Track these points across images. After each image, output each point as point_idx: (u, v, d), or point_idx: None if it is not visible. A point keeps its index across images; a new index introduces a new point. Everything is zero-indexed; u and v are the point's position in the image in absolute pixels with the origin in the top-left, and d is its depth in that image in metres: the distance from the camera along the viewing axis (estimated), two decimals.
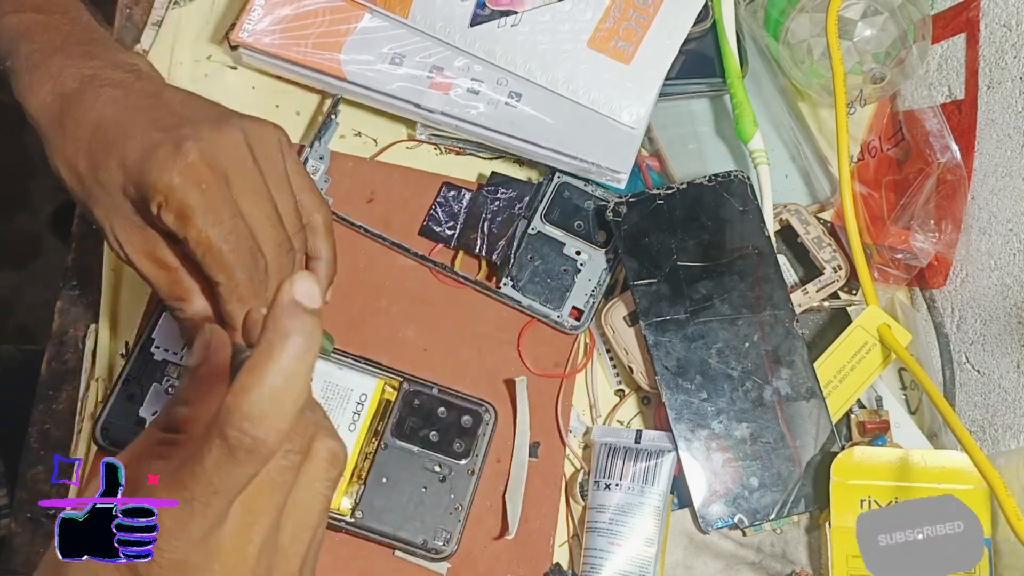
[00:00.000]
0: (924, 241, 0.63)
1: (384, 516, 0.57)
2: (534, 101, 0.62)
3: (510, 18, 0.63)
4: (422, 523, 0.57)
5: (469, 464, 0.59)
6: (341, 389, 0.59)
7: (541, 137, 0.62)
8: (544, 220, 0.64)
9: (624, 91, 0.62)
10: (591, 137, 0.62)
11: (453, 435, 0.59)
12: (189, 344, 0.52)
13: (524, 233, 0.64)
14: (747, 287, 0.61)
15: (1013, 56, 0.59)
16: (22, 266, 1.54)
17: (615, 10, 0.63)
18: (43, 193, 1.57)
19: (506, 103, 0.62)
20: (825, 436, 0.60)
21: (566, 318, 0.63)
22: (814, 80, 0.66)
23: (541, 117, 0.62)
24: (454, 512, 0.58)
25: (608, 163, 0.62)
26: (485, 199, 0.64)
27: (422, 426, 0.59)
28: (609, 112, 0.62)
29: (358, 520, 0.57)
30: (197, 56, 0.68)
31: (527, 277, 0.63)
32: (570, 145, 0.62)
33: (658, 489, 0.58)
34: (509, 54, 0.62)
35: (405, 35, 0.63)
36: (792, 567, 0.60)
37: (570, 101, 0.62)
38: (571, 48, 0.62)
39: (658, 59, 0.63)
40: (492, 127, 0.62)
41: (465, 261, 0.64)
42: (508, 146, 0.63)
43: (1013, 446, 0.59)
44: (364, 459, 0.59)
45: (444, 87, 0.63)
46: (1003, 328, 0.60)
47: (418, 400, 0.60)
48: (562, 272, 0.63)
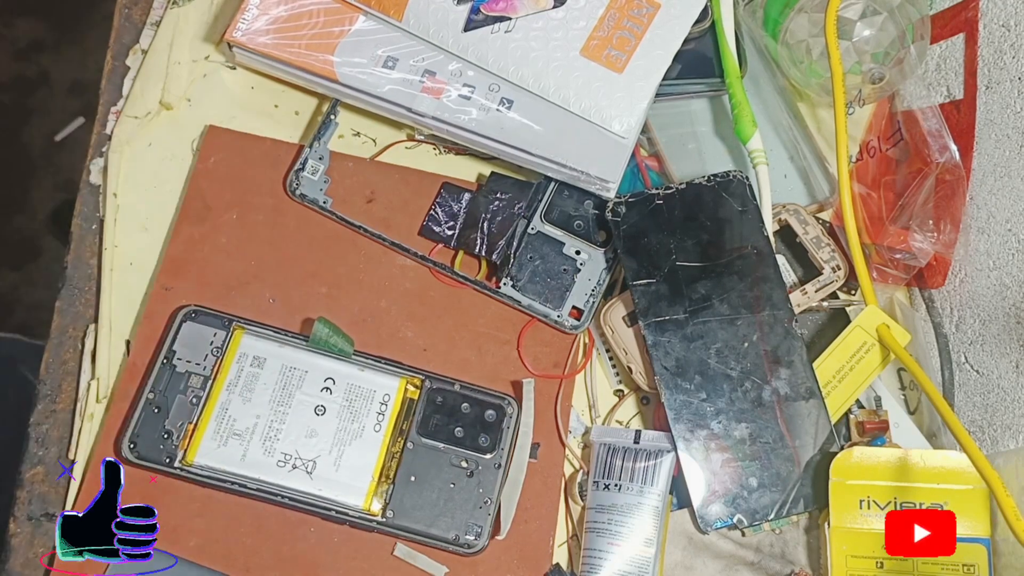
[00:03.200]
0: (923, 241, 0.63)
1: (415, 514, 0.58)
2: (525, 108, 0.62)
3: (503, 24, 0.63)
4: (452, 519, 0.58)
5: (495, 458, 0.59)
6: (364, 391, 0.60)
7: (531, 144, 0.62)
8: (544, 220, 0.64)
9: (615, 100, 0.62)
10: (581, 146, 0.62)
11: (478, 430, 0.60)
12: None
13: (524, 233, 0.64)
14: (746, 287, 0.61)
15: (1012, 56, 0.59)
16: (21, 266, 1.54)
17: (609, 19, 0.63)
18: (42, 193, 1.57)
19: (497, 110, 0.62)
20: (824, 436, 0.60)
21: (566, 318, 0.63)
22: (813, 80, 0.66)
23: (532, 125, 0.62)
24: (483, 506, 0.58)
25: (597, 172, 0.62)
26: (485, 199, 0.64)
27: (447, 423, 0.60)
28: (600, 121, 0.62)
29: (389, 519, 0.58)
30: (195, 56, 0.68)
31: (527, 277, 0.63)
32: (560, 153, 0.62)
33: (657, 489, 0.58)
34: (501, 60, 0.62)
35: (399, 38, 0.63)
36: (791, 567, 0.60)
37: (561, 109, 0.62)
38: (564, 56, 0.62)
39: (650, 69, 0.62)
40: (483, 133, 0.62)
41: (465, 261, 0.64)
42: (499, 152, 0.63)
43: (1012, 446, 0.59)
44: (391, 459, 0.59)
45: (436, 92, 0.63)
46: (1002, 328, 0.60)
47: (441, 397, 0.60)
48: (562, 272, 0.63)
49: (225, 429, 0.58)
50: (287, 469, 0.58)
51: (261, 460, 0.58)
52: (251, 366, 0.59)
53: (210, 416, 0.58)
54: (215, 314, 0.60)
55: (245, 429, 0.58)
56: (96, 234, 0.64)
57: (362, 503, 0.58)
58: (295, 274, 0.63)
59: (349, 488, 0.58)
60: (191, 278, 0.62)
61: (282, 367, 0.60)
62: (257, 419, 0.58)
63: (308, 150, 0.64)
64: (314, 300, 0.63)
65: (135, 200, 0.65)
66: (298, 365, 0.60)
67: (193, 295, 0.62)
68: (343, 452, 0.58)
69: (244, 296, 0.62)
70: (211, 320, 0.60)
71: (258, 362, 0.60)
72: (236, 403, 0.59)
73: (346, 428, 0.59)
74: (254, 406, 0.59)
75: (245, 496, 0.57)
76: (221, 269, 0.63)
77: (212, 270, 0.63)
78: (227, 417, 0.58)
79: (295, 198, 0.64)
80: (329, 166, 0.65)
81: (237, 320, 0.61)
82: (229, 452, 0.58)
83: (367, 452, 0.59)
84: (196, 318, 0.60)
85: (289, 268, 0.63)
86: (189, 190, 0.64)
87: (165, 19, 0.68)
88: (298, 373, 0.60)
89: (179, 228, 0.63)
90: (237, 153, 0.65)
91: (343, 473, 0.58)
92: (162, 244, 0.64)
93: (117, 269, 0.63)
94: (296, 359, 0.60)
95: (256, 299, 0.62)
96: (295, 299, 0.63)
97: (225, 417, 0.58)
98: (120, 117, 0.66)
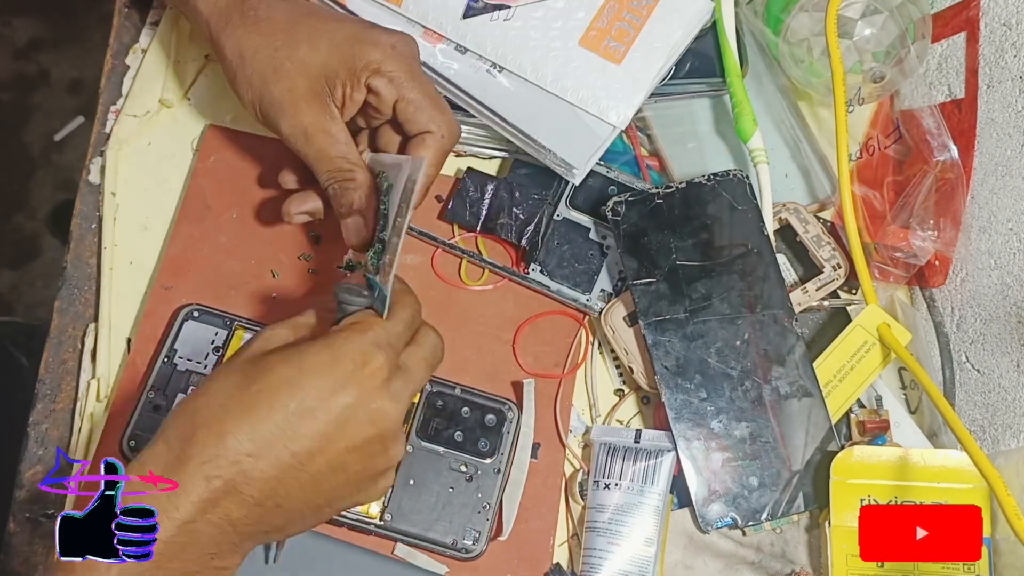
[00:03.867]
0: (923, 240, 0.63)
1: (413, 517, 0.58)
2: (513, 78, 0.62)
3: (503, 12, 0.63)
4: (451, 523, 0.58)
5: (495, 463, 0.59)
6: None
7: (508, 112, 0.62)
8: (569, 206, 0.64)
9: (612, 92, 0.62)
10: (556, 127, 0.62)
11: (478, 434, 0.59)
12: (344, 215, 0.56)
13: (550, 219, 0.64)
14: (746, 286, 0.61)
15: (1013, 55, 0.59)
16: (21, 266, 1.54)
17: (609, 10, 0.63)
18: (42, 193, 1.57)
19: (488, 71, 0.62)
20: (824, 435, 0.60)
21: (595, 302, 0.63)
22: (814, 79, 0.66)
23: (515, 93, 0.62)
24: (482, 511, 0.58)
25: (564, 155, 0.61)
26: (509, 185, 0.64)
27: (447, 427, 0.60)
28: (597, 111, 0.62)
29: (387, 523, 0.58)
30: (195, 56, 0.67)
31: (555, 262, 0.63)
32: (533, 127, 0.62)
33: (657, 489, 0.58)
34: (500, 48, 0.62)
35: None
36: (792, 566, 0.60)
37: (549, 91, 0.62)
38: (562, 45, 0.62)
39: (649, 61, 0.62)
40: (465, 89, 0.62)
41: (489, 247, 0.64)
42: (477, 112, 0.63)
43: (1013, 445, 0.59)
44: None
45: (435, 39, 0.63)
46: (1003, 327, 0.60)
47: (441, 401, 0.60)
48: (589, 256, 0.64)
49: None
50: None
51: None
52: None
53: None
54: (217, 313, 0.60)
55: None
56: (96, 233, 0.64)
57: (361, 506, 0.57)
58: (295, 274, 0.63)
59: None
60: (191, 277, 0.62)
61: None
62: None
63: None
64: (314, 300, 0.63)
65: (135, 199, 0.65)
66: None
67: (193, 294, 0.62)
68: None
69: (244, 295, 0.62)
70: (212, 319, 0.60)
71: None
72: None
73: None
74: None
75: None
76: (221, 268, 0.62)
77: (212, 269, 0.62)
78: None
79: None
80: None
81: (238, 320, 0.60)
82: None
83: None
84: (198, 317, 0.60)
85: (289, 268, 0.63)
86: (189, 189, 0.64)
87: (165, 18, 0.68)
88: None
89: (179, 227, 0.63)
90: (237, 152, 0.65)
91: None
92: (162, 243, 0.64)
93: (117, 268, 0.63)
94: None
95: (256, 298, 0.62)
96: (295, 298, 0.63)
97: None
98: (120, 116, 0.66)
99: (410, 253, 0.64)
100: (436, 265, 0.64)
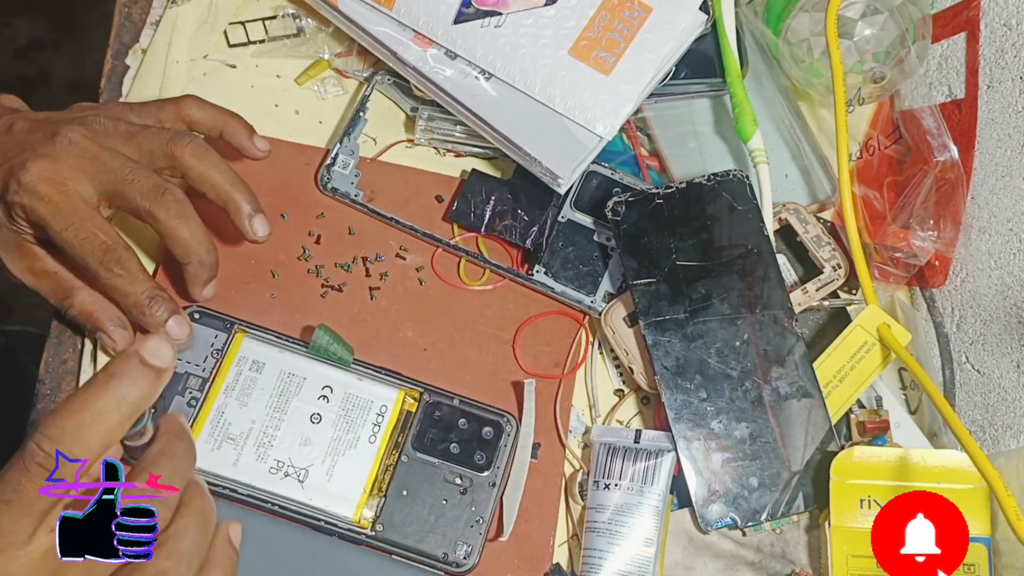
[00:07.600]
0: (923, 240, 0.63)
1: (405, 529, 0.57)
2: (502, 85, 0.62)
3: (494, 19, 0.63)
4: (443, 536, 0.57)
5: (490, 476, 0.58)
6: (362, 400, 0.59)
7: (495, 119, 0.62)
8: (574, 208, 0.64)
9: (600, 102, 0.62)
10: (543, 136, 0.62)
11: (474, 447, 0.59)
12: (91, 333, 0.60)
13: (555, 221, 0.64)
14: (746, 286, 0.61)
15: (1013, 55, 0.59)
16: None
17: (600, 20, 0.63)
18: None
19: (476, 77, 0.62)
20: (824, 436, 0.60)
21: (599, 304, 0.63)
22: (814, 79, 0.66)
23: (502, 101, 0.62)
24: (475, 525, 0.57)
25: (550, 164, 0.61)
26: (514, 187, 0.64)
27: (443, 438, 0.59)
28: (584, 121, 0.62)
29: (378, 533, 0.57)
30: (194, 55, 0.67)
31: (559, 264, 0.63)
32: (519, 135, 0.61)
33: (657, 489, 0.58)
34: (490, 55, 0.62)
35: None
36: (792, 567, 0.60)
37: (535, 98, 0.62)
38: (552, 54, 0.62)
39: (638, 72, 0.62)
40: (453, 94, 0.62)
41: (489, 247, 0.64)
42: (466, 119, 0.63)
43: (1013, 446, 0.59)
44: (384, 471, 0.58)
45: (426, 44, 0.63)
46: (1003, 328, 0.60)
47: (439, 412, 0.59)
48: (593, 258, 0.64)
49: (220, 433, 0.58)
50: (279, 476, 0.57)
51: (253, 466, 0.57)
52: (250, 370, 0.59)
53: (206, 419, 0.58)
54: (218, 316, 0.60)
55: (239, 434, 0.58)
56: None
57: (352, 514, 0.57)
58: (295, 273, 0.63)
59: (340, 499, 0.57)
60: None
61: (281, 372, 0.59)
62: (252, 424, 0.58)
63: (339, 145, 0.65)
64: (314, 299, 0.63)
65: None
66: (297, 371, 0.59)
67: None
68: (336, 462, 0.58)
69: (244, 296, 0.62)
70: (213, 321, 0.60)
71: (257, 366, 0.59)
72: (232, 407, 0.58)
73: (341, 438, 0.58)
74: (250, 411, 0.58)
75: (235, 501, 0.56)
76: (221, 269, 0.62)
77: None
78: (222, 421, 0.58)
79: (326, 192, 0.64)
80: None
81: (239, 323, 0.60)
82: (222, 456, 0.57)
83: (360, 463, 0.58)
84: (199, 319, 0.60)
85: (289, 267, 0.63)
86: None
87: (164, 18, 0.68)
88: (296, 380, 0.59)
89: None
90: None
91: (335, 483, 0.57)
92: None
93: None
94: (295, 365, 0.59)
95: (256, 299, 0.62)
96: (295, 298, 0.63)
97: (220, 421, 0.58)
98: None
99: (411, 254, 0.64)
100: (436, 265, 0.64)
